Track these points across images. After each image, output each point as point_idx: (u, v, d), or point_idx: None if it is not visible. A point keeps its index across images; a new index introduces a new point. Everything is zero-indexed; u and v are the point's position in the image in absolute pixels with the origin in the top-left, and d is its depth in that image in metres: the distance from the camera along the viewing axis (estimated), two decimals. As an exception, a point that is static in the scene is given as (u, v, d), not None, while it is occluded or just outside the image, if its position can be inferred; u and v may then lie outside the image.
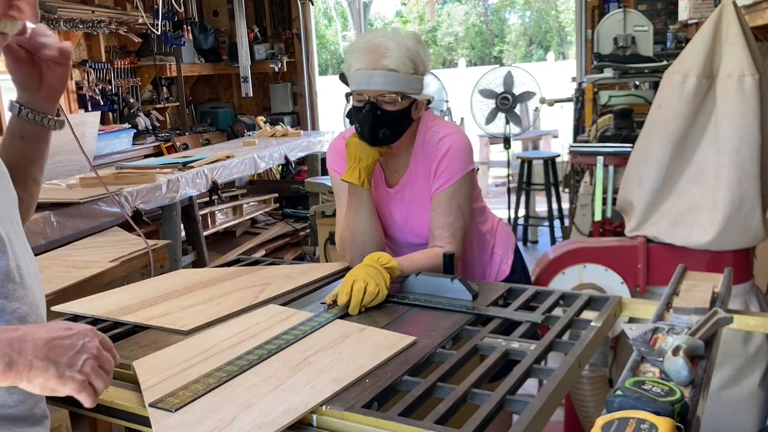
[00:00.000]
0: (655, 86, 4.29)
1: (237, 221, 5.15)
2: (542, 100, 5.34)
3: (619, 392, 1.00)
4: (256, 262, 2.19)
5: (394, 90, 1.79)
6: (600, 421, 0.94)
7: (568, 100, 5.49)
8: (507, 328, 1.54)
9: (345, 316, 1.61)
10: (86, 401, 0.96)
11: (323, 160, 6.05)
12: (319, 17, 24.12)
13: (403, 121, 1.85)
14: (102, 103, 5.63)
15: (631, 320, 1.69)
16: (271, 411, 1.12)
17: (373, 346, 1.38)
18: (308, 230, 5.23)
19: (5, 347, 0.89)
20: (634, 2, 6.15)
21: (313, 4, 7.48)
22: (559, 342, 1.43)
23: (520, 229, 5.81)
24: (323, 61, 25.01)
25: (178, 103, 6.67)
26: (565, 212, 5.24)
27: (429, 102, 1.95)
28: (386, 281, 1.68)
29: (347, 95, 1.89)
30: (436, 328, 1.51)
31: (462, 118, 7.37)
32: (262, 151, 5.13)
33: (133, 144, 5.67)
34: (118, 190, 3.49)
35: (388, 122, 1.82)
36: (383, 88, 1.79)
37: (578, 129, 4.90)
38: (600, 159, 3.28)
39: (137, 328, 1.55)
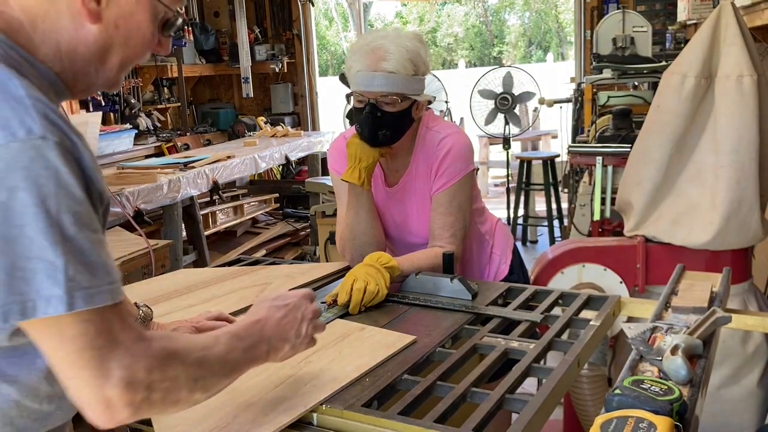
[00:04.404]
0: (653, 87, 4.30)
1: (238, 221, 5.16)
2: (541, 101, 5.34)
3: (617, 391, 1.00)
4: (256, 262, 2.19)
5: (395, 92, 1.79)
6: (599, 420, 0.94)
7: (568, 100, 5.49)
8: (506, 327, 1.54)
9: (345, 315, 1.61)
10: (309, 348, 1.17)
11: (323, 160, 6.10)
12: (319, 18, 24.13)
13: (403, 122, 1.86)
14: (103, 103, 5.62)
15: (630, 319, 1.70)
16: (271, 410, 1.13)
17: (373, 345, 1.39)
18: (308, 230, 5.23)
19: (264, 345, 1.06)
20: (633, 3, 6.15)
21: (313, 5, 7.48)
22: (558, 341, 1.43)
23: (519, 228, 5.81)
24: (324, 61, 25.03)
25: (179, 104, 6.67)
26: (565, 212, 5.24)
27: (430, 102, 1.95)
28: (386, 281, 1.69)
29: (347, 96, 1.89)
30: (436, 327, 1.52)
31: (462, 119, 7.37)
32: (262, 152, 5.13)
33: (134, 144, 5.66)
34: (119, 190, 3.50)
35: (388, 123, 1.82)
36: (383, 89, 1.79)
37: (577, 129, 4.90)
38: (599, 159, 3.28)
39: (138, 328, 1.55)
